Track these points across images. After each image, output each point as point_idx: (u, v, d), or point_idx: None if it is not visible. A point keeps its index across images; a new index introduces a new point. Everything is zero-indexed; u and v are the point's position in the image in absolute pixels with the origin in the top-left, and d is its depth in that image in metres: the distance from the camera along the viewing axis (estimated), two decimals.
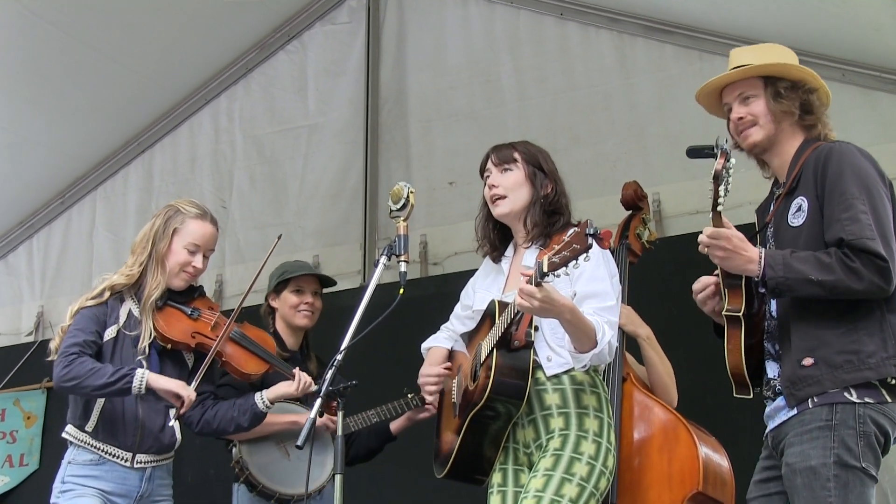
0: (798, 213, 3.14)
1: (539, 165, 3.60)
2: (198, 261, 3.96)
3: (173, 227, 3.94)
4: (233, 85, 7.07)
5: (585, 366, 3.33)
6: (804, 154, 3.21)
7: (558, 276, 3.01)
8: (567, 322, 3.22)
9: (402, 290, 3.36)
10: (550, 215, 3.54)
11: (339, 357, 3.30)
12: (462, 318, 3.78)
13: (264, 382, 4.08)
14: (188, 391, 3.68)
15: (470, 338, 3.62)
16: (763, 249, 3.08)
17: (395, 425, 4.60)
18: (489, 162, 3.66)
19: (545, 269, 3.01)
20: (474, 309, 3.66)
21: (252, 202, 6.93)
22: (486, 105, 6.39)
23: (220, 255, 6.84)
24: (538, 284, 3.07)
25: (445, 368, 3.71)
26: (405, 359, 4.19)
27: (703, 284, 3.29)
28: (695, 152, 3.23)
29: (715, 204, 2.99)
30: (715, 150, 2.99)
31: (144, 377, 3.66)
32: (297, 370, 4.03)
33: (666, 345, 4.22)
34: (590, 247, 2.94)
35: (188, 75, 7.01)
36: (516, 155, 3.62)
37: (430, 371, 3.70)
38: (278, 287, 4.60)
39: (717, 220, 3.03)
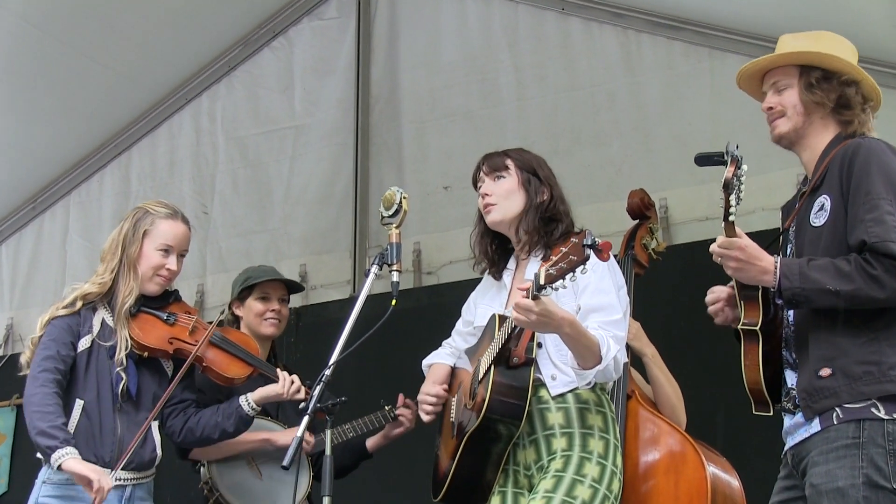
0: (820, 212, 3.13)
1: (533, 171, 3.62)
2: (171, 262, 3.98)
3: (143, 230, 3.97)
4: (215, 84, 7.07)
5: (590, 383, 3.34)
6: (834, 150, 3.19)
7: (556, 288, 3.02)
8: (568, 337, 3.22)
9: (394, 302, 3.36)
10: (547, 223, 3.56)
11: (327, 372, 3.31)
12: (464, 333, 3.79)
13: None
14: (104, 482, 3.58)
15: (472, 354, 3.63)
16: (779, 258, 3.07)
17: (371, 442, 4.60)
18: (481, 171, 3.68)
19: (542, 282, 3.03)
20: (475, 325, 3.67)
21: (235, 208, 6.93)
22: (483, 105, 6.39)
23: (201, 264, 6.84)
24: (535, 298, 3.08)
25: (445, 388, 3.71)
26: (398, 374, 4.20)
27: (716, 296, 3.28)
28: (704, 160, 3.23)
29: (727, 214, 2.98)
30: (725, 157, 2.97)
31: (65, 458, 3.57)
32: (282, 371, 4.05)
33: (674, 359, 4.23)
34: (587, 258, 2.95)
35: (167, 73, 7.01)
36: (508, 162, 3.64)
37: (430, 390, 3.71)
38: (242, 294, 4.59)
39: (730, 229, 3.02)
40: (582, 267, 2.96)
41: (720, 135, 5.43)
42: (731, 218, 2.98)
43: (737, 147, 2.98)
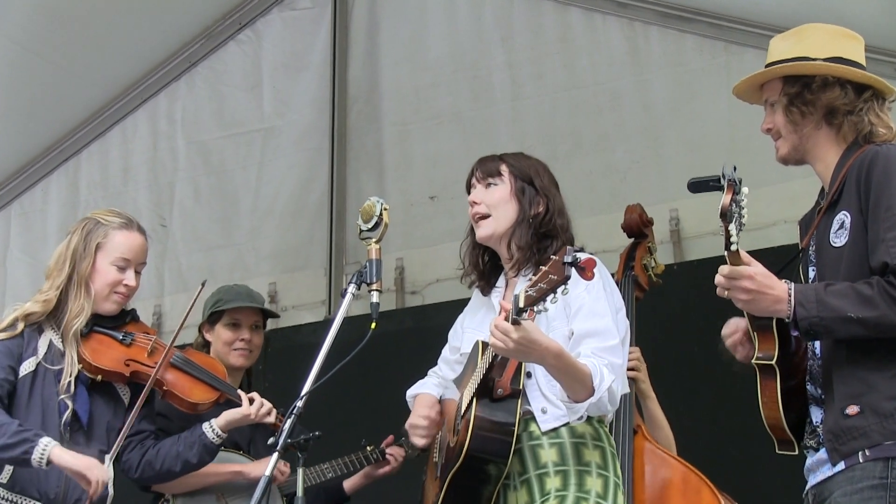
0: (840, 230, 3.13)
1: (529, 180, 3.64)
2: (129, 278, 3.98)
3: (96, 243, 3.97)
4: (174, 81, 7.08)
5: (581, 417, 3.35)
6: (850, 159, 3.19)
7: (538, 311, 3.04)
8: (553, 369, 3.24)
9: (374, 325, 3.37)
10: (542, 238, 3.56)
11: (299, 404, 3.31)
12: (451, 362, 3.80)
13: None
14: (99, 473, 3.63)
15: (458, 384, 3.63)
16: (792, 285, 3.05)
17: (349, 483, 4.61)
18: (473, 177, 3.69)
19: (521, 304, 3.04)
20: (462, 351, 3.67)
21: (197, 220, 6.93)
22: (473, 105, 6.42)
23: (159, 283, 6.84)
24: (515, 322, 3.09)
25: (439, 411, 3.71)
26: (378, 406, 4.21)
27: (733, 328, 3.29)
28: (698, 186, 3.24)
29: (728, 243, 2.98)
30: (721, 182, 2.97)
31: (48, 450, 3.62)
32: (253, 393, 4.07)
33: (685, 389, 4.26)
34: (567, 278, 2.97)
35: (120, 69, 7.01)
36: (503, 168, 3.66)
37: (421, 412, 3.69)
38: (212, 317, 4.60)
39: (735, 258, 3.00)
40: (563, 287, 2.98)
41: (737, 138, 5.46)
42: (734, 247, 2.98)
43: (734, 169, 2.95)
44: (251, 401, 4.08)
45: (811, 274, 3.24)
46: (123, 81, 7.08)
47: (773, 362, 3.11)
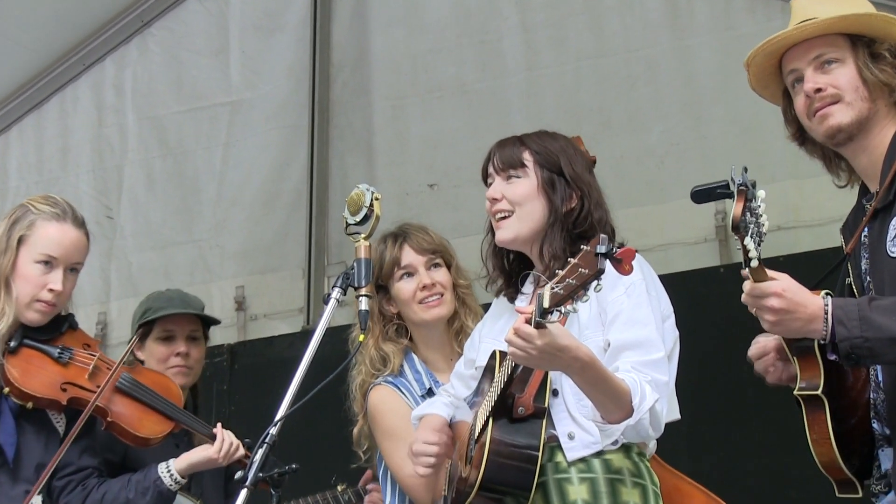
0: None
1: (558, 169, 3.61)
2: (55, 279, 3.91)
3: (19, 235, 3.91)
4: (123, 44, 7.09)
5: (617, 442, 3.35)
6: None
7: (564, 313, 3.03)
8: (583, 381, 3.24)
9: (361, 337, 3.37)
10: (577, 239, 3.51)
11: (272, 431, 3.32)
12: (465, 377, 3.79)
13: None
14: None
15: (472, 404, 3.63)
16: (830, 300, 3.04)
17: None
18: (491, 165, 3.70)
19: (546, 304, 3.04)
20: (478, 365, 3.67)
21: (150, 210, 6.95)
22: (480, 76, 6.43)
23: (104, 286, 6.86)
24: (539, 326, 3.10)
25: (450, 434, 3.70)
26: None
27: (761, 348, 3.29)
28: (702, 194, 3.23)
29: (746, 260, 2.96)
30: (731, 189, 2.95)
31: None
32: (218, 427, 4.05)
33: (732, 417, 4.26)
34: (601, 271, 2.95)
35: (59, 30, 7.02)
36: (526, 156, 3.63)
37: (429, 437, 3.67)
38: (142, 331, 4.56)
39: (759, 273, 2.98)
40: (596, 282, 2.97)
41: None
42: (754, 263, 2.96)
43: (745, 171, 2.93)
44: (214, 437, 4.05)
45: (865, 287, 3.22)
46: (62, 44, 7.09)
47: (820, 392, 3.09)
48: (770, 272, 3.00)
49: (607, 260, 2.94)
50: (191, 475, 4.32)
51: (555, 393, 3.41)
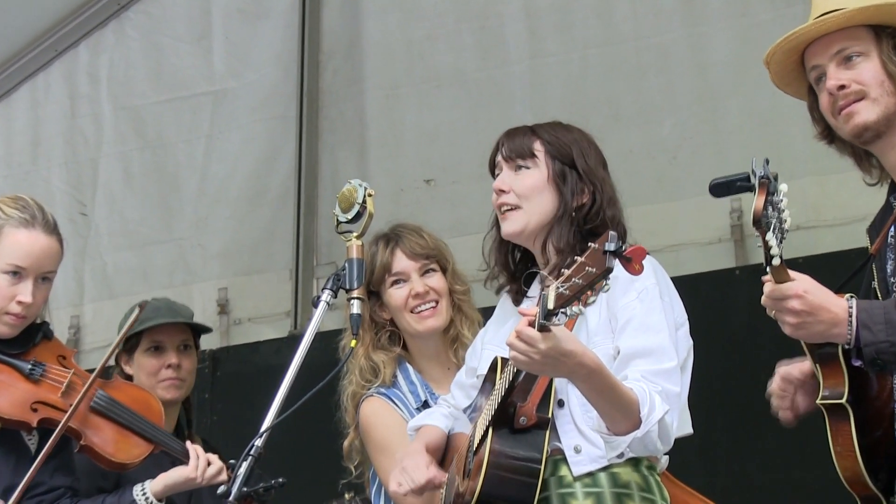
0: None
1: (570, 161, 3.63)
2: (24, 291, 3.89)
3: None
4: (98, 29, 7.09)
5: (622, 455, 3.36)
6: None
7: (571, 314, 3.02)
8: (589, 388, 3.24)
9: (353, 342, 3.38)
10: (587, 236, 3.52)
11: (258, 443, 3.31)
12: (466, 387, 3.79)
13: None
14: None
15: (472, 413, 3.64)
16: (854, 303, 3.05)
17: None
18: (499, 154, 3.70)
19: (551, 305, 3.04)
20: (480, 373, 3.67)
21: (127, 207, 6.95)
22: (481, 65, 6.43)
23: (78, 287, 6.86)
24: (543, 328, 3.10)
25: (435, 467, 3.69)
26: None
27: (785, 378, 3.31)
28: (722, 187, 3.23)
29: (768, 257, 2.97)
30: (752, 181, 2.97)
31: None
32: (193, 446, 4.05)
33: (748, 430, 4.26)
34: (609, 270, 2.95)
35: (29, 14, 7.02)
36: (537, 146, 3.64)
37: (416, 476, 3.66)
38: (129, 344, 4.56)
39: (780, 273, 2.98)
40: (604, 282, 2.97)
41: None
42: (775, 261, 2.96)
43: (766, 163, 2.95)
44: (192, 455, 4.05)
45: (885, 289, 3.23)
46: (32, 28, 7.10)
47: (844, 401, 3.10)
48: (790, 272, 3.00)
49: (616, 259, 2.94)
50: (188, 497, 4.35)
51: (560, 404, 3.41)
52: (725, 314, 4.76)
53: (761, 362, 4.94)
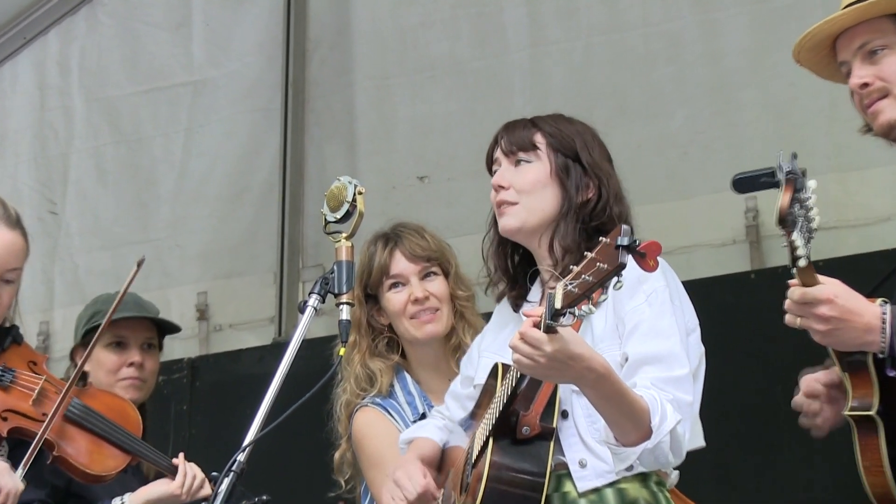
0: None
1: (574, 155, 3.63)
2: None
3: None
4: (69, 15, 7.11)
5: (632, 468, 3.36)
6: None
7: (580, 315, 3.01)
8: (598, 396, 3.24)
9: (341, 350, 3.38)
10: (593, 234, 3.52)
11: (240, 457, 3.32)
12: (462, 397, 3.80)
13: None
14: (9, 482, 3.67)
15: (469, 425, 3.64)
16: (888, 308, 3.05)
17: None
18: (497, 148, 3.70)
19: (558, 305, 3.02)
20: (477, 383, 3.67)
21: (100, 206, 6.96)
22: (478, 54, 6.44)
23: (47, 291, 6.87)
24: (549, 329, 3.09)
25: (429, 478, 3.69)
26: None
27: (811, 389, 3.32)
28: (745, 183, 3.23)
29: (793, 258, 2.97)
30: (778, 177, 2.97)
31: None
32: (180, 458, 4.05)
33: (765, 441, 4.27)
34: (621, 266, 2.93)
35: None
36: (539, 138, 3.64)
37: (410, 485, 3.65)
38: (87, 338, 4.52)
39: (807, 275, 2.98)
40: (616, 279, 2.96)
41: (839, 101, 5.47)
42: (801, 262, 2.96)
43: (794, 158, 2.95)
44: (175, 470, 4.06)
45: None
46: None
47: (874, 412, 3.10)
48: (819, 276, 3.00)
49: (630, 254, 2.92)
50: None
51: (564, 415, 3.41)
52: (740, 321, 4.75)
53: (778, 372, 4.97)
